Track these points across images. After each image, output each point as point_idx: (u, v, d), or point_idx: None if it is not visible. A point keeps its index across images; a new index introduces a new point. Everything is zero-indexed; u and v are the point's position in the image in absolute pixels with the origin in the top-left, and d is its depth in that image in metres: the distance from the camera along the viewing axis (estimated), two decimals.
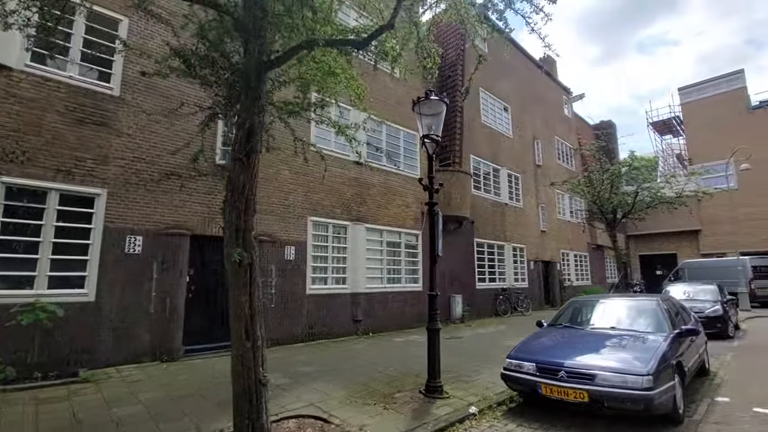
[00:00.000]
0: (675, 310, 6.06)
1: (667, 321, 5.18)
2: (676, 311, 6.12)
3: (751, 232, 24.44)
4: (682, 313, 6.31)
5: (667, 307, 5.71)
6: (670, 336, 4.80)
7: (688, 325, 5.72)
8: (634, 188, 12.61)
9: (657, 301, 5.63)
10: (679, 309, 6.38)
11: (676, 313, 6.07)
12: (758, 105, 25.20)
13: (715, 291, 11.31)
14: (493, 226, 15.47)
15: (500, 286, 15.17)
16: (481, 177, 15.37)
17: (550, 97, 21.92)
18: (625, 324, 5.41)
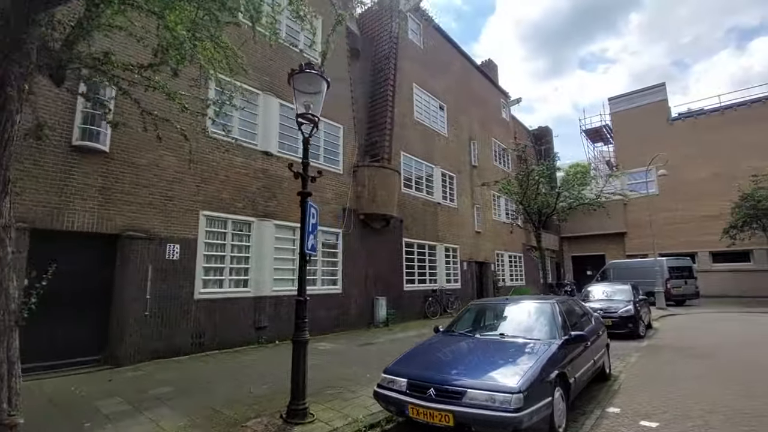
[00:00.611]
0: (576, 314, 5.71)
1: (558, 327, 4.73)
2: (578, 314, 5.77)
3: (669, 234, 26.12)
4: (583, 316, 5.98)
5: (565, 310, 5.32)
6: (556, 344, 4.33)
7: (585, 329, 5.36)
8: (556, 190, 12.72)
9: (553, 304, 5.20)
10: (580, 312, 6.06)
11: (578, 317, 5.72)
12: (677, 117, 27.07)
13: (629, 291, 11.52)
14: (424, 225, 15.04)
15: (431, 287, 14.76)
16: (413, 175, 14.89)
17: (488, 100, 22.06)
18: (517, 330, 4.92)
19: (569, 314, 5.44)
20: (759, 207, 18.38)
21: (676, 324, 13.19)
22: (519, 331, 4.88)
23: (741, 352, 8.06)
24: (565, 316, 5.10)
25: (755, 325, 12.30)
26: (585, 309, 6.48)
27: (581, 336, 4.59)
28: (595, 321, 6.33)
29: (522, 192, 12.99)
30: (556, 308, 5.04)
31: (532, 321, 5.03)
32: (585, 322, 5.83)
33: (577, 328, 5.27)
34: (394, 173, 12.54)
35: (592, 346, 5.46)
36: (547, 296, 6.14)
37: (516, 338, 4.69)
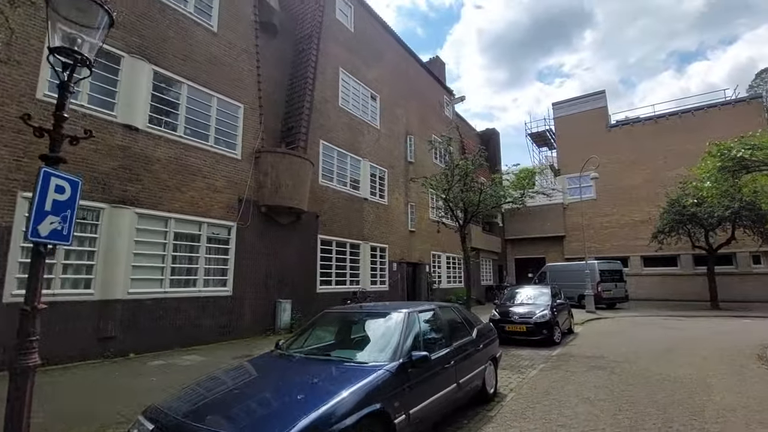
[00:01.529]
0: (445, 327, 4.65)
1: (399, 347, 3.59)
2: (449, 327, 4.71)
3: (605, 238, 26.60)
4: (458, 328, 4.95)
5: (426, 322, 4.26)
6: (385, 370, 3.22)
7: (453, 345, 4.33)
8: (479, 188, 11.97)
9: (406, 315, 4.09)
10: (457, 322, 5.03)
11: (449, 330, 4.67)
12: (615, 124, 27.70)
13: (547, 295, 10.88)
14: (347, 222, 13.84)
15: (352, 289, 13.57)
16: (335, 167, 13.66)
17: (429, 95, 21.29)
18: (352, 350, 3.82)
19: (434, 328, 4.39)
20: (684, 213, 18.73)
21: (599, 329, 12.80)
22: (353, 352, 3.75)
23: (651, 363, 7.46)
24: (420, 332, 4.01)
25: (674, 330, 12.10)
26: (469, 318, 5.49)
27: (423, 358, 3.49)
28: (479, 333, 5.32)
29: (447, 188, 12.12)
30: (404, 323, 3.92)
31: (374, 338, 3.93)
32: (458, 335, 4.80)
33: (441, 344, 4.22)
34: (303, 162, 11.23)
35: (462, 364, 4.43)
36: (420, 304, 5.06)
37: (343, 362, 3.54)
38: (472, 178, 12.06)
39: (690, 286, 23.43)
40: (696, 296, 22.83)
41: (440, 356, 4.00)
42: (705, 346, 9.15)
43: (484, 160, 13.17)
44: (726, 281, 21.98)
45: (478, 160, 12.24)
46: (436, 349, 4.13)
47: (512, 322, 9.96)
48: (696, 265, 23.45)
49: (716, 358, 7.86)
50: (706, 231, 19.30)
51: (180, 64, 9.13)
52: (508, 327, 9.93)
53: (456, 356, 4.36)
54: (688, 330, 12.02)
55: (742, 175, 8.81)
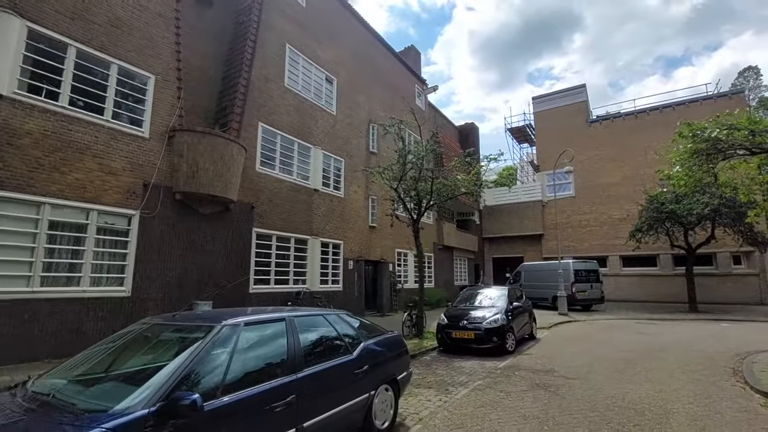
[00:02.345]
0: (282, 347, 3.24)
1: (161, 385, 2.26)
2: (294, 347, 3.33)
3: (584, 237, 25.64)
4: (319, 345, 3.63)
5: (241, 340, 2.93)
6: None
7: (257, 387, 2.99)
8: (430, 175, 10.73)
9: (218, 330, 2.76)
10: (309, 341, 3.64)
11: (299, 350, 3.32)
12: (595, 119, 26.75)
13: (504, 297, 9.67)
14: (291, 214, 12.47)
15: (295, 288, 12.21)
16: (278, 153, 12.28)
17: (398, 83, 19.99)
18: (103, 386, 2.46)
19: (266, 351, 3.09)
20: (662, 210, 17.75)
21: (565, 333, 11.65)
22: (101, 389, 2.42)
23: (607, 380, 6.26)
24: (226, 360, 2.68)
25: (645, 336, 10.99)
26: (352, 332, 4.17)
27: (190, 404, 2.15)
28: (367, 351, 4.01)
29: (399, 177, 10.85)
30: (200, 347, 2.58)
31: (141, 367, 2.60)
32: (323, 356, 3.49)
33: (273, 373, 2.91)
34: (229, 144, 9.83)
35: (318, 399, 3.13)
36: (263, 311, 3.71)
37: (66, 410, 2.20)
38: (425, 166, 10.79)
39: (669, 287, 22.55)
40: (675, 298, 21.94)
41: (258, 393, 2.69)
42: (675, 357, 8.01)
43: (466, 156, 11.92)
44: (705, 282, 21.14)
45: (431, 146, 10.97)
46: (264, 379, 2.82)
47: (460, 327, 8.73)
48: (675, 266, 22.59)
49: (685, 372, 6.71)
50: (686, 230, 18.38)
51: (67, 24, 7.67)
52: (455, 333, 8.71)
53: (306, 387, 3.06)
54: (660, 336, 10.94)
55: (717, 161, 7.67)
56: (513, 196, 28.74)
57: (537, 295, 20.42)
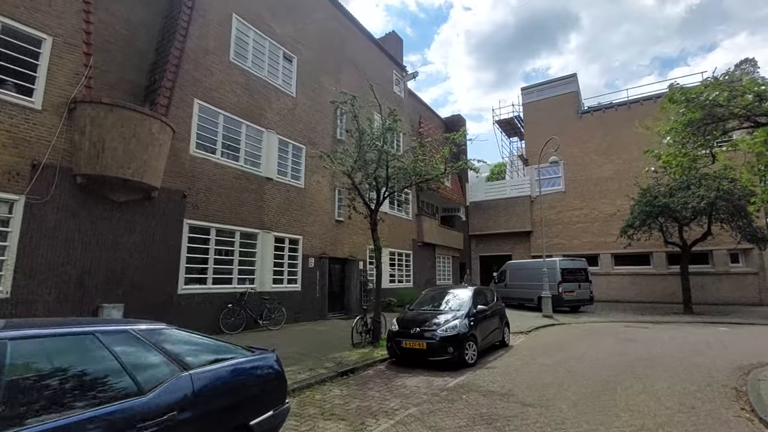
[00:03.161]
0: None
1: None
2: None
3: (574, 234, 24.32)
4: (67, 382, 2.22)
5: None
6: None
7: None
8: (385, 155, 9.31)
9: None
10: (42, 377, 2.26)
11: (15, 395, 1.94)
12: (586, 110, 25.42)
13: (467, 300, 8.27)
14: (236, 205, 11.05)
15: (239, 289, 10.79)
16: (219, 135, 10.85)
17: (374, 68, 18.55)
18: None
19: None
20: (655, 204, 16.41)
21: (543, 340, 10.29)
22: None
23: (574, 409, 4.89)
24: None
25: (632, 343, 9.64)
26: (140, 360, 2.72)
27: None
28: (165, 392, 2.59)
29: (353, 161, 9.45)
30: None
31: None
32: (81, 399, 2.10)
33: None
34: (148, 121, 8.38)
35: None
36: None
37: None
38: (387, 148, 9.39)
39: (663, 287, 21.27)
40: (669, 298, 20.66)
41: None
42: (665, 373, 6.65)
43: (450, 141, 10.48)
44: (701, 282, 19.87)
45: (389, 124, 9.57)
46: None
47: (411, 336, 7.34)
48: (670, 264, 21.28)
49: (676, 395, 5.35)
50: (680, 225, 17.06)
51: None
52: (406, 343, 7.32)
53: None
54: (650, 343, 9.59)
55: (716, 136, 6.31)
56: (501, 192, 27.42)
57: (522, 295, 19.14)
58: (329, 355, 7.76)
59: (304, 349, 8.29)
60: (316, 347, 8.56)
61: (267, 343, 8.87)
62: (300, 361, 7.29)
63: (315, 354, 7.86)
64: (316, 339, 9.64)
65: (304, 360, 7.35)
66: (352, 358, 7.63)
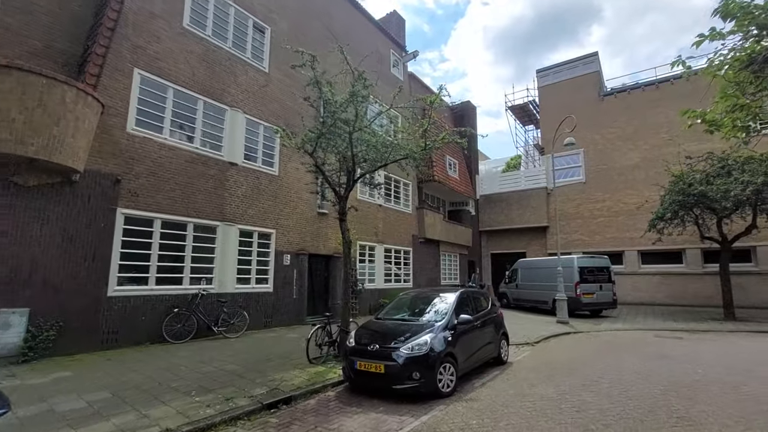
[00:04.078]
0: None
1: None
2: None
3: (595, 229, 22.01)
4: None
5: None
6: None
7: None
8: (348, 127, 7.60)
9: None
10: None
11: None
12: (609, 92, 22.98)
13: (448, 307, 6.47)
14: (190, 193, 9.56)
15: (191, 289, 9.30)
16: (168, 111, 9.36)
17: (367, 46, 16.80)
18: None
19: None
20: (689, 193, 14.10)
21: (551, 356, 8.38)
22: None
23: None
24: None
25: (664, 362, 7.63)
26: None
27: None
28: None
29: (315, 136, 7.80)
30: None
31: None
32: None
33: None
34: (58, 87, 6.90)
35: None
36: None
37: None
38: (346, 118, 7.69)
39: (697, 288, 18.79)
40: (705, 301, 18.21)
41: None
42: (714, 414, 4.72)
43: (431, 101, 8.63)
44: (742, 282, 17.31)
45: (358, 88, 7.84)
46: None
47: (368, 355, 5.61)
48: (706, 262, 18.78)
49: None
50: (719, 218, 14.69)
51: None
52: (360, 364, 5.59)
53: None
54: (687, 361, 7.57)
55: None
56: (514, 184, 25.26)
57: (535, 297, 17.12)
58: (270, 376, 6.12)
59: (244, 367, 6.68)
60: (261, 364, 6.94)
61: (203, 357, 7.32)
62: (226, 384, 5.69)
63: (252, 374, 6.23)
64: (269, 351, 8.02)
65: (232, 384, 5.74)
66: (296, 381, 5.97)
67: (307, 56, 7.65)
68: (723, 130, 5.53)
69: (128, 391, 5.33)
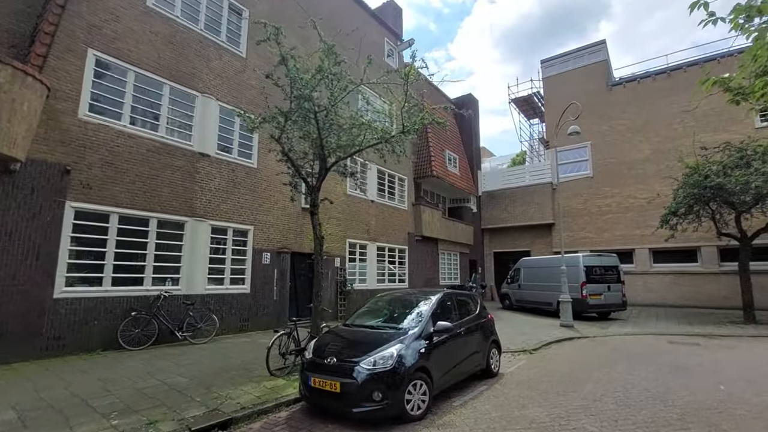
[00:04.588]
0: None
1: None
2: None
3: (603, 226, 20.86)
4: None
5: None
6: None
7: None
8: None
9: None
10: None
11: None
12: (618, 82, 21.79)
13: (425, 312, 5.56)
14: (153, 186, 8.77)
15: (153, 291, 8.51)
16: (128, 96, 8.57)
17: (359, 32, 15.91)
18: None
19: None
20: (706, 185, 12.98)
21: (550, 366, 7.42)
22: None
23: None
24: None
25: (679, 375, 6.63)
26: None
27: None
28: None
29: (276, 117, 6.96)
30: None
31: None
32: None
33: None
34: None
35: None
36: None
37: None
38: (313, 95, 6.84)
39: (714, 288, 17.59)
40: (721, 302, 17.02)
41: None
42: None
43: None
44: (763, 282, 16.06)
45: (325, 64, 6.99)
46: None
47: (324, 369, 4.73)
48: (722, 261, 17.58)
49: None
50: (738, 212, 13.56)
51: None
52: (315, 381, 4.71)
53: None
54: (707, 374, 6.57)
55: None
56: (519, 179, 24.17)
57: (539, 298, 16.11)
58: (216, 393, 5.28)
59: (192, 380, 5.85)
60: (215, 376, 6.10)
61: (154, 367, 6.49)
62: (159, 404, 4.85)
63: (196, 390, 5.39)
64: (232, 360, 7.18)
65: (167, 402, 4.90)
66: (244, 398, 5.12)
67: (270, 29, 6.76)
68: (752, 98, 4.56)
69: (40, 411, 4.52)
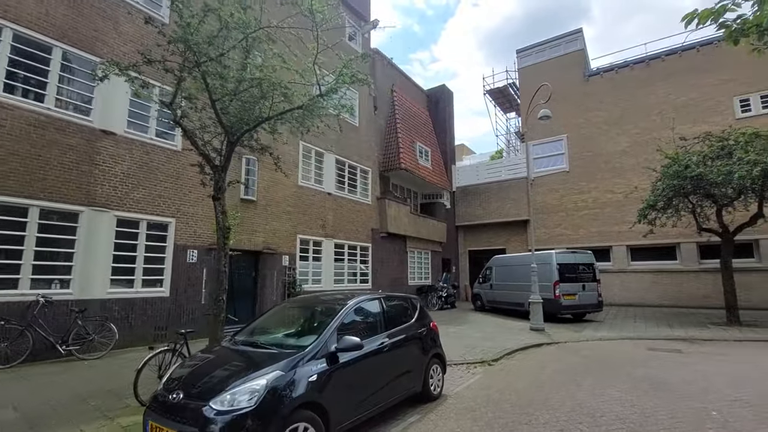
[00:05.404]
0: None
1: None
2: None
3: (579, 223, 19.92)
4: None
5: None
6: None
7: None
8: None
9: None
10: None
11: None
12: (595, 72, 20.91)
13: (330, 323, 4.16)
14: (35, 168, 7.18)
15: (29, 295, 6.92)
16: (4, 60, 6.97)
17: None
18: None
19: None
20: (686, 175, 11.99)
21: (509, 381, 6.14)
22: None
23: None
24: None
25: (662, 393, 5.41)
26: None
27: None
28: None
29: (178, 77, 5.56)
30: None
31: None
32: None
33: None
34: None
35: None
36: None
37: None
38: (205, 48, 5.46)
39: (694, 287, 16.79)
40: (702, 301, 16.22)
41: None
42: None
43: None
44: (746, 281, 15.26)
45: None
46: None
47: (168, 411, 3.30)
48: (703, 258, 16.79)
49: None
50: (719, 206, 12.65)
51: None
52: (154, 427, 3.27)
53: None
54: (689, 394, 5.38)
55: None
56: (495, 174, 23.13)
57: (511, 299, 14.95)
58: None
59: (31, 414, 4.35)
60: (69, 407, 4.62)
61: None
62: None
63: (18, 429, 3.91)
64: (103, 385, 5.66)
65: None
66: None
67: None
68: (752, 34, 3.35)
69: None
